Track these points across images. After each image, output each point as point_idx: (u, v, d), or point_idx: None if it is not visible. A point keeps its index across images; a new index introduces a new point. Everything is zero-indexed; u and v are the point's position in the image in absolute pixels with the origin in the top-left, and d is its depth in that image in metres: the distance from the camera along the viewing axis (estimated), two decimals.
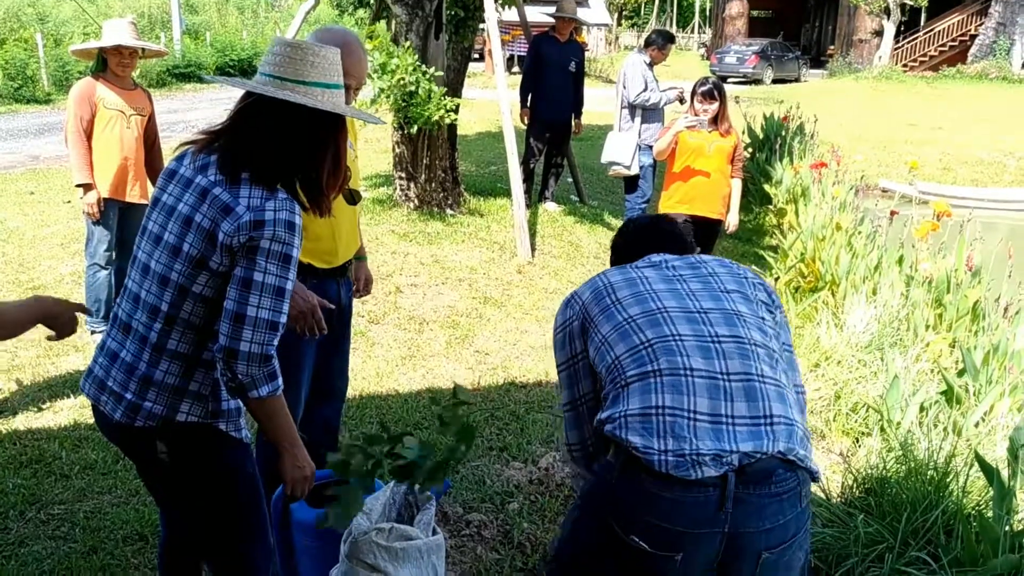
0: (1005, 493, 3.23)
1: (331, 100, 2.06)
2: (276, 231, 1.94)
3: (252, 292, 1.94)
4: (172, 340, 2.04)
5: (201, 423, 2.08)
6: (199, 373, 2.07)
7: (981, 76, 29.78)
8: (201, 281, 2.00)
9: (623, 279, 2.24)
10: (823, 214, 7.62)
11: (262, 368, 1.97)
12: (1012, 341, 5.22)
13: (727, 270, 2.28)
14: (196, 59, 23.44)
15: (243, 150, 2.01)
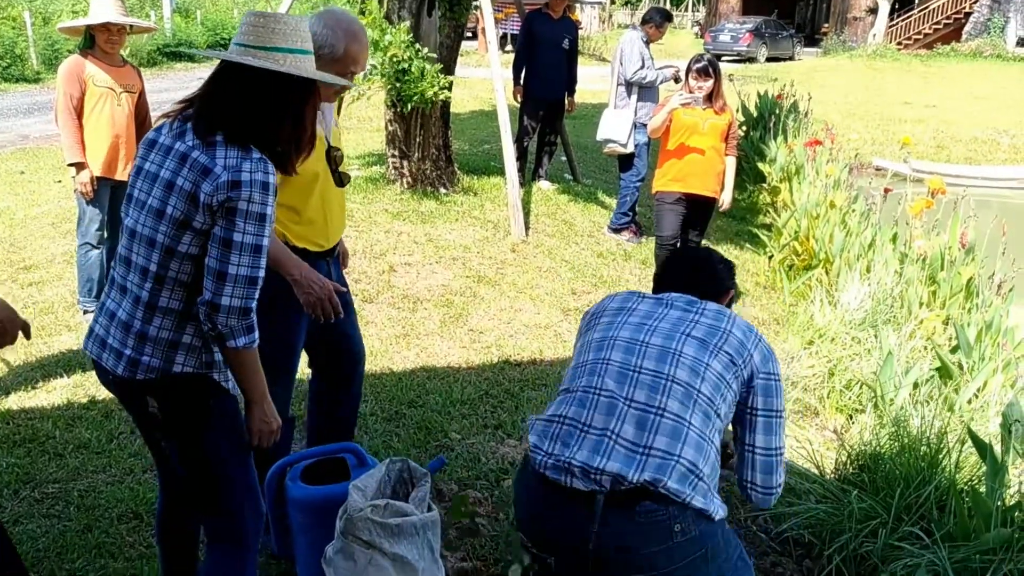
0: (998, 468, 3.24)
1: (295, 64, 2.16)
2: (252, 192, 2.05)
3: (232, 251, 2.06)
4: (163, 298, 2.14)
5: (196, 373, 2.19)
6: (190, 326, 2.17)
7: (975, 54, 29.73)
8: (186, 241, 2.10)
9: (618, 306, 2.40)
10: (817, 192, 7.62)
11: (241, 320, 2.10)
12: (1005, 318, 5.24)
13: (712, 322, 2.28)
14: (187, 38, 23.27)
15: (215, 114, 2.12)
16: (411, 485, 2.76)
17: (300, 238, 2.89)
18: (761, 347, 2.27)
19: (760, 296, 6.63)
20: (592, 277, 6.49)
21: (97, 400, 4.24)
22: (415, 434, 4.04)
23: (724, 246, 7.69)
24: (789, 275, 6.82)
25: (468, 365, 4.82)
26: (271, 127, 2.16)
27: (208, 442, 2.27)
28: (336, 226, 3.08)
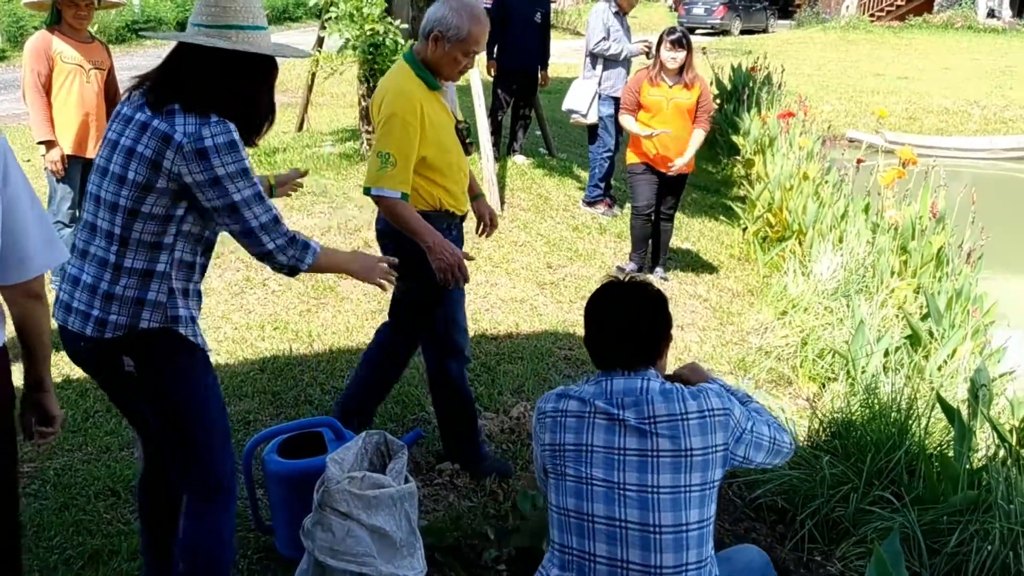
0: (965, 433, 3.31)
1: (247, 40, 2.24)
2: (223, 157, 2.14)
3: (243, 210, 2.20)
4: (128, 259, 2.22)
5: (162, 328, 2.25)
6: (155, 283, 2.24)
7: (947, 26, 29.86)
8: (149, 202, 2.18)
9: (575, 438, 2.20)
10: (790, 164, 7.66)
11: (292, 249, 2.30)
12: (975, 286, 5.32)
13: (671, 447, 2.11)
14: (156, 14, 22.93)
15: (171, 88, 2.21)
16: (388, 458, 2.78)
17: (448, 204, 3.20)
18: (720, 422, 2.14)
19: (734, 268, 6.68)
20: (567, 251, 6.51)
21: (72, 379, 4.22)
22: (392, 408, 4.06)
23: (699, 219, 7.74)
24: (763, 247, 6.87)
25: None
26: (226, 99, 2.21)
27: (182, 393, 2.33)
28: (464, 195, 3.33)
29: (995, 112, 15.31)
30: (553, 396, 2.28)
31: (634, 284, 2.33)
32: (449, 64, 3.07)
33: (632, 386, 2.17)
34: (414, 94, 3.05)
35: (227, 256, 5.88)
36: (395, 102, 3.02)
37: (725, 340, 5.28)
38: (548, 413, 2.26)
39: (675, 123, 5.73)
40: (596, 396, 2.19)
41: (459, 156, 3.23)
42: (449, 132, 3.19)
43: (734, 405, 2.18)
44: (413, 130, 3.01)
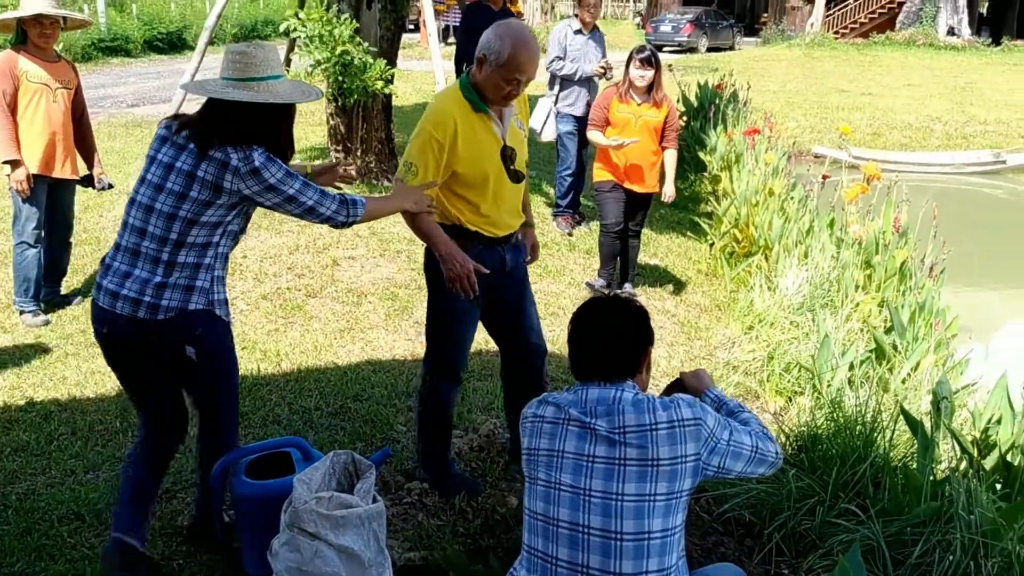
0: (928, 444, 3.35)
1: (266, 89, 2.76)
2: (269, 170, 2.70)
3: (299, 198, 2.77)
4: (181, 256, 2.74)
5: (205, 309, 2.79)
6: (203, 273, 2.78)
7: (909, 43, 30.38)
8: (209, 214, 2.73)
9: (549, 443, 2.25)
10: (756, 180, 7.74)
11: (346, 208, 2.85)
12: (937, 299, 5.39)
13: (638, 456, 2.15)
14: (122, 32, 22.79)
15: (212, 129, 2.73)
16: (356, 477, 2.77)
17: (474, 224, 3.29)
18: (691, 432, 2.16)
19: (702, 283, 6.73)
20: (537, 267, 6.52)
21: (35, 402, 4.18)
22: (361, 427, 4.05)
23: (666, 235, 7.79)
24: (730, 262, 6.93)
25: (414, 357, 4.83)
26: (253, 134, 2.73)
27: (224, 366, 2.95)
28: (509, 217, 3.39)
29: (956, 128, 15.56)
30: (535, 402, 2.35)
31: (618, 299, 2.41)
32: (492, 88, 3.13)
33: (606, 395, 2.23)
34: (450, 112, 3.17)
35: None
36: (427, 117, 3.20)
37: (693, 355, 5.32)
38: (528, 418, 2.33)
39: (642, 140, 5.78)
40: (572, 404, 2.25)
41: (499, 180, 3.27)
42: (490, 154, 3.23)
43: (707, 415, 2.21)
44: (437, 145, 3.13)
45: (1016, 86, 20.91)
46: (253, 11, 31.62)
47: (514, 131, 3.34)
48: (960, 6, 31.53)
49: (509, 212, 3.39)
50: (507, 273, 3.45)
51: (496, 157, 3.26)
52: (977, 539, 2.93)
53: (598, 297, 2.42)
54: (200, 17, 24.59)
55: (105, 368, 4.54)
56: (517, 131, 3.36)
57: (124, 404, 4.19)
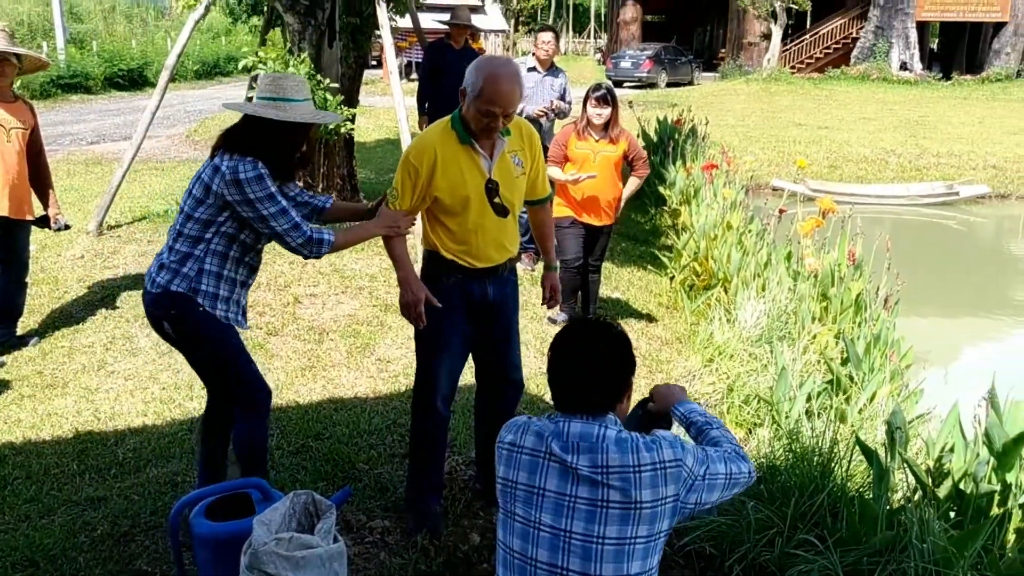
0: (883, 474, 3.40)
1: (293, 110, 3.12)
2: (252, 187, 3.02)
3: (270, 221, 3.08)
4: (178, 244, 3.15)
5: (186, 294, 3.13)
6: (190, 262, 3.13)
7: (863, 77, 31.07)
8: (201, 211, 3.10)
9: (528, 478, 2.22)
10: (714, 214, 7.85)
11: (310, 245, 3.17)
12: (892, 330, 5.49)
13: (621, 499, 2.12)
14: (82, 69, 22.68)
15: (228, 140, 3.14)
16: (316, 517, 2.77)
17: (451, 252, 3.36)
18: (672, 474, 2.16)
19: (663, 316, 6.79)
20: None
21: None
22: (322, 466, 4.03)
23: (628, 268, 7.86)
24: (690, 295, 7.00)
25: (375, 395, 4.82)
26: (257, 147, 3.09)
27: (206, 351, 3.27)
28: (492, 250, 3.42)
29: (910, 160, 15.90)
30: (513, 427, 2.29)
31: (600, 323, 2.33)
32: (473, 120, 3.20)
33: (589, 432, 2.17)
34: (431, 142, 3.27)
35: None
36: (410, 146, 3.35)
37: None
38: (506, 444, 2.28)
39: (601, 175, 5.85)
40: (553, 436, 2.19)
41: (481, 212, 3.31)
42: (472, 186, 3.27)
43: (687, 454, 2.18)
44: (415, 172, 3.24)
45: (966, 119, 21.46)
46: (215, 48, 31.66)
47: (505, 166, 3.35)
48: (911, 42, 32.33)
49: (492, 245, 3.40)
50: (490, 306, 3.47)
51: (479, 189, 3.29)
52: (931, 568, 2.98)
53: (579, 320, 2.35)
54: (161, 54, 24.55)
55: (62, 410, 4.50)
56: (511, 167, 3.37)
57: (81, 446, 4.15)
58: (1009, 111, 23.96)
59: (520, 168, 3.41)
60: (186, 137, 15.14)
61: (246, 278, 3.32)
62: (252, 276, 3.38)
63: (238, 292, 3.28)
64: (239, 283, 3.28)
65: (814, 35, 34.57)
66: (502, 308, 3.54)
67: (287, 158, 3.21)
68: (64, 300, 6.07)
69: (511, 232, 3.48)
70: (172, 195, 9.17)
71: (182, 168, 11.66)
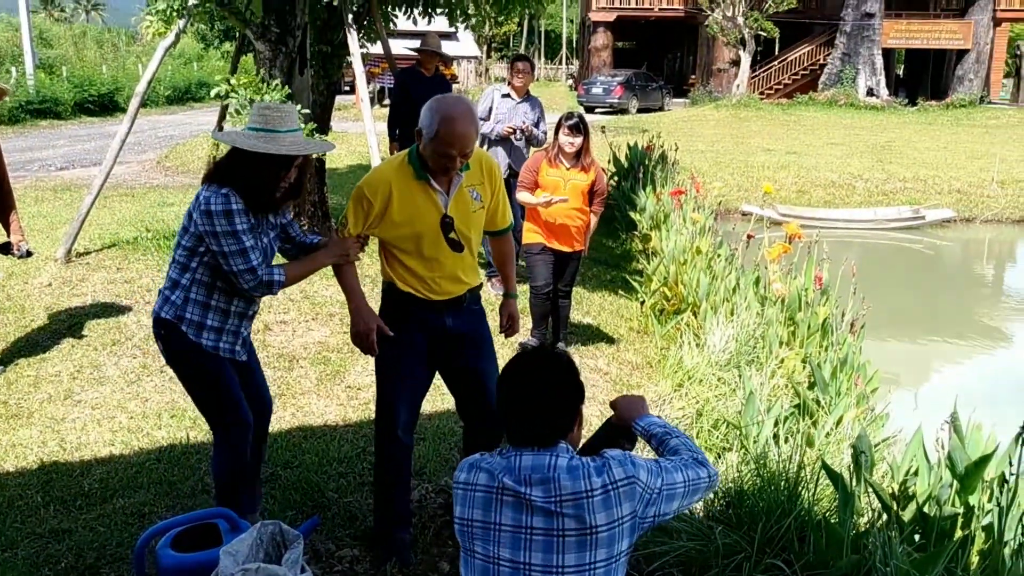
0: (848, 498, 3.44)
1: (283, 141, 3.11)
2: (219, 220, 3.04)
3: (228, 259, 3.09)
4: (170, 271, 3.24)
5: (172, 320, 3.21)
6: (177, 290, 3.21)
7: (831, 103, 31.54)
8: (186, 239, 3.17)
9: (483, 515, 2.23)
10: (684, 239, 7.92)
11: (261, 287, 3.17)
12: (858, 354, 5.56)
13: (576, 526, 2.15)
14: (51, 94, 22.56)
15: (215, 167, 3.19)
16: (284, 547, 2.76)
17: (407, 285, 3.39)
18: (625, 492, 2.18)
19: (634, 341, 6.83)
20: None
21: None
22: (291, 495, 4.01)
23: (599, 293, 7.91)
24: (660, 319, 7.05)
25: (345, 422, 4.81)
26: (231, 179, 3.10)
27: (186, 374, 3.33)
28: (448, 284, 3.43)
29: (877, 185, 16.13)
30: (466, 466, 2.30)
31: (546, 353, 2.36)
32: (431, 159, 3.21)
33: (540, 463, 2.19)
34: (386, 176, 3.29)
35: (124, 343, 5.77)
36: (365, 178, 3.36)
37: None
38: (460, 484, 2.28)
39: (573, 198, 5.90)
40: (505, 472, 2.20)
41: (435, 247, 3.32)
42: (426, 221, 3.28)
43: (639, 469, 2.21)
44: (367, 203, 3.27)
45: (931, 144, 21.82)
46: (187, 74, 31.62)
47: (463, 201, 3.35)
48: (878, 68, 32.89)
49: (448, 279, 3.41)
50: (452, 337, 3.47)
51: (433, 224, 3.30)
52: None
53: (525, 352, 2.37)
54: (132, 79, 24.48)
55: (27, 440, 4.46)
56: (468, 201, 3.37)
57: (46, 477, 4.11)
58: (972, 136, 24.40)
59: (479, 202, 3.42)
60: (157, 163, 15.08)
61: (244, 308, 3.32)
62: (252, 306, 3.37)
63: (234, 323, 3.29)
64: (235, 313, 3.28)
65: (782, 62, 35.08)
66: (465, 338, 3.53)
67: (272, 189, 3.17)
68: (30, 328, 6.02)
69: (469, 265, 3.48)
70: (142, 222, 9.13)
71: (152, 194, 11.60)
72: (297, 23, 7.42)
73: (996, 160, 17.09)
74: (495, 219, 3.58)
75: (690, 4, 34.38)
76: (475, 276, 3.53)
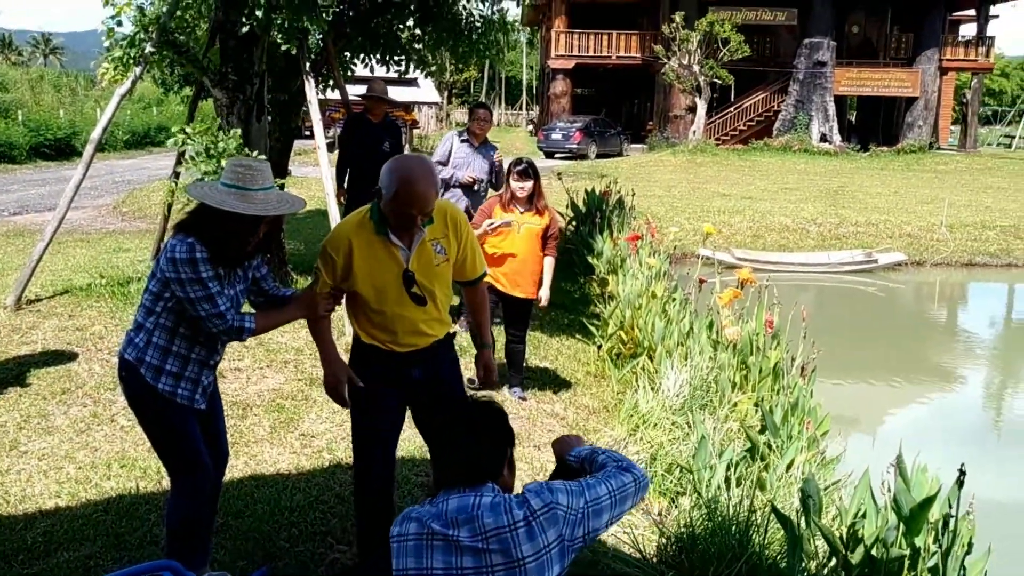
0: (797, 541, 3.48)
1: (251, 199, 3.09)
2: (183, 267, 3.06)
3: (195, 306, 3.11)
4: (136, 314, 3.27)
5: (133, 362, 3.22)
6: (141, 333, 3.23)
7: (785, 148, 32.17)
8: (152, 284, 3.20)
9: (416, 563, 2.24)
10: (639, 284, 7.99)
11: (232, 333, 3.20)
12: (809, 398, 5.63)
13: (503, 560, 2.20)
14: (6, 139, 22.36)
15: (184, 219, 3.21)
16: None
17: (372, 338, 3.42)
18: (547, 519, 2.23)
19: (591, 385, 6.86)
20: None
21: None
22: (242, 545, 3.96)
23: (557, 337, 7.95)
24: (616, 363, 7.10)
25: (299, 471, 4.77)
26: (197, 231, 3.11)
27: (143, 419, 3.33)
28: (412, 338, 3.43)
29: (830, 229, 16.44)
30: (398, 520, 2.33)
31: (476, 402, 2.44)
32: (392, 215, 3.23)
33: (466, 503, 2.24)
34: (346, 232, 3.33)
35: (74, 392, 5.69)
36: (329, 234, 3.44)
37: None
38: (394, 537, 2.31)
39: (525, 246, 5.95)
40: (433, 517, 2.25)
41: (398, 302, 3.34)
42: (387, 276, 3.31)
43: (557, 494, 2.27)
44: (331, 260, 3.32)
45: (883, 189, 22.32)
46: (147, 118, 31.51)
47: (425, 255, 3.36)
48: (830, 114, 33.64)
49: (411, 333, 3.42)
50: (421, 388, 3.49)
51: (394, 279, 3.32)
52: None
53: (456, 403, 2.46)
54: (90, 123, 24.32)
55: None
56: (431, 255, 3.37)
57: None
58: (922, 181, 25.01)
59: (442, 255, 3.41)
60: (113, 208, 14.97)
61: (206, 357, 3.30)
62: (213, 356, 3.36)
63: (194, 370, 3.28)
64: (196, 361, 3.27)
65: (738, 108, 35.73)
66: (434, 389, 3.54)
67: (240, 244, 3.18)
68: None
69: (434, 318, 3.47)
70: (96, 268, 9.04)
71: (108, 240, 11.51)
72: (255, 71, 7.46)
73: (945, 205, 17.50)
74: (464, 269, 3.57)
75: (647, 52, 34.96)
76: (442, 328, 3.52)
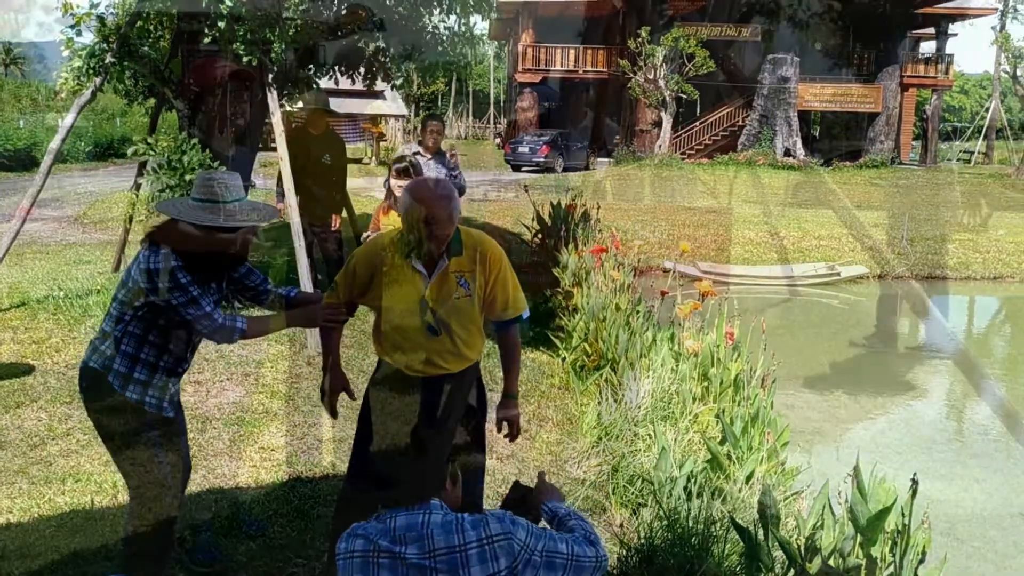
0: (755, 552, 3.50)
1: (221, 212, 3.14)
2: (161, 278, 3.10)
3: (179, 309, 3.13)
4: (104, 323, 3.27)
5: (99, 371, 3.21)
6: (108, 341, 3.22)
7: (750, 163, 32.46)
8: (123, 293, 3.22)
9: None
10: (603, 296, 8.02)
11: (222, 332, 3.21)
12: (768, 409, 5.67)
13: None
14: None
15: (158, 229, 3.23)
16: None
17: (386, 354, 3.41)
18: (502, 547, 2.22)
19: (555, 397, 6.87)
20: None
21: None
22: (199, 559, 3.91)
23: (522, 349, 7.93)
24: (580, 375, 7.11)
25: (258, 484, 4.73)
26: (170, 242, 3.13)
27: (97, 424, 3.34)
28: (422, 366, 3.33)
29: (794, 242, 16.62)
30: (345, 536, 2.30)
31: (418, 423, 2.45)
32: (410, 239, 3.20)
33: (414, 521, 2.23)
34: (379, 246, 3.35)
35: (28, 405, 5.60)
36: (368, 242, 3.51)
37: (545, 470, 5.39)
38: (341, 554, 2.28)
39: None
40: (381, 534, 2.23)
41: (412, 327, 3.28)
42: (405, 299, 3.25)
43: (518, 528, 2.25)
44: (354, 270, 3.38)
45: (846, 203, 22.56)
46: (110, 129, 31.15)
47: (446, 286, 3.27)
48: (794, 129, 34.02)
49: (420, 360, 3.32)
50: (429, 415, 3.35)
51: (412, 304, 3.25)
52: None
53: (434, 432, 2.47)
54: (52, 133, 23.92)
55: None
56: (452, 287, 3.27)
57: None
58: (884, 195, 25.35)
59: (465, 289, 3.29)
60: (74, 220, 14.79)
61: (173, 366, 3.31)
62: (181, 364, 3.36)
63: (161, 378, 3.27)
64: (163, 369, 3.27)
65: (703, 122, 36.05)
66: (442, 420, 3.40)
67: (215, 258, 3.23)
68: None
69: (448, 351, 3.33)
70: (55, 280, 8.91)
71: (68, 252, 11.35)
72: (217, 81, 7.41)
73: (906, 219, 17.76)
74: (495, 308, 3.40)
75: (613, 67, 35.19)
76: (457, 363, 3.36)
